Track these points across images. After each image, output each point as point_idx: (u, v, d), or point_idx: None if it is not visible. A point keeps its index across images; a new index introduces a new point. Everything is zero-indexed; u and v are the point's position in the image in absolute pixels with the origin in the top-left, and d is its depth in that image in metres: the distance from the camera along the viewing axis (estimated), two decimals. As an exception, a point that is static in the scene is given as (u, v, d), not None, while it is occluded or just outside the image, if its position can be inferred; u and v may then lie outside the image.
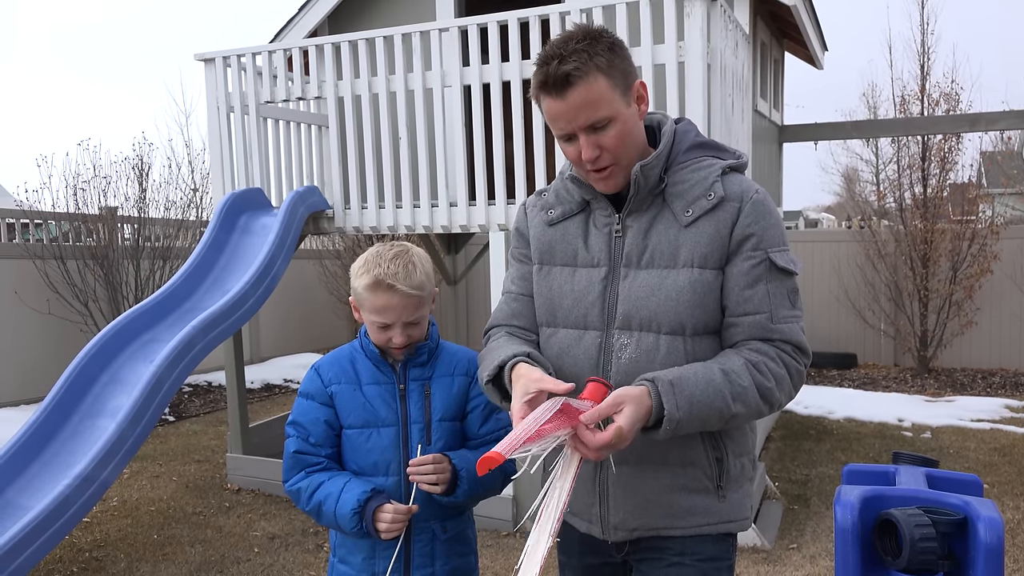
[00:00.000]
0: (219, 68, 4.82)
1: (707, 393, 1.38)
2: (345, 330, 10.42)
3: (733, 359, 1.44)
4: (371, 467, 1.79)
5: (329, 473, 1.79)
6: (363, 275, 1.74)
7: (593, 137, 1.43)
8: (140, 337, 3.89)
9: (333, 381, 1.82)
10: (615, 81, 1.41)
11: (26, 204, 7.40)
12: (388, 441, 1.78)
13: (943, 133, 8.35)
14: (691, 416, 1.36)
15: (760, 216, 1.47)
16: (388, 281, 1.70)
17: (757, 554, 3.84)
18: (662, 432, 1.36)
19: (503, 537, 4.09)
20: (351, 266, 1.81)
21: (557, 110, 1.42)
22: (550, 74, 1.39)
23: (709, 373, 1.40)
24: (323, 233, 5.00)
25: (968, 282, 8.27)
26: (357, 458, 1.80)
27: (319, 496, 1.75)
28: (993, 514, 1.42)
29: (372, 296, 1.72)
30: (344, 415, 1.80)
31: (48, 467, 3.32)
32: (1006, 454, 5.44)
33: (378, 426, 1.79)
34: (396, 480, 1.78)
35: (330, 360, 1.86)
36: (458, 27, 4.26)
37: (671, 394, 1.36)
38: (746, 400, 1.41)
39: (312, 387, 1.84)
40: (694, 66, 3.79)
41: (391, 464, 1.78)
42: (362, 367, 1.83)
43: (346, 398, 1.80)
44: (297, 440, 1.81)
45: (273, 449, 5.17)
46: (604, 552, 1.62)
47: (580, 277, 1.55)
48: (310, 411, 1.82)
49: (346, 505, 1.70)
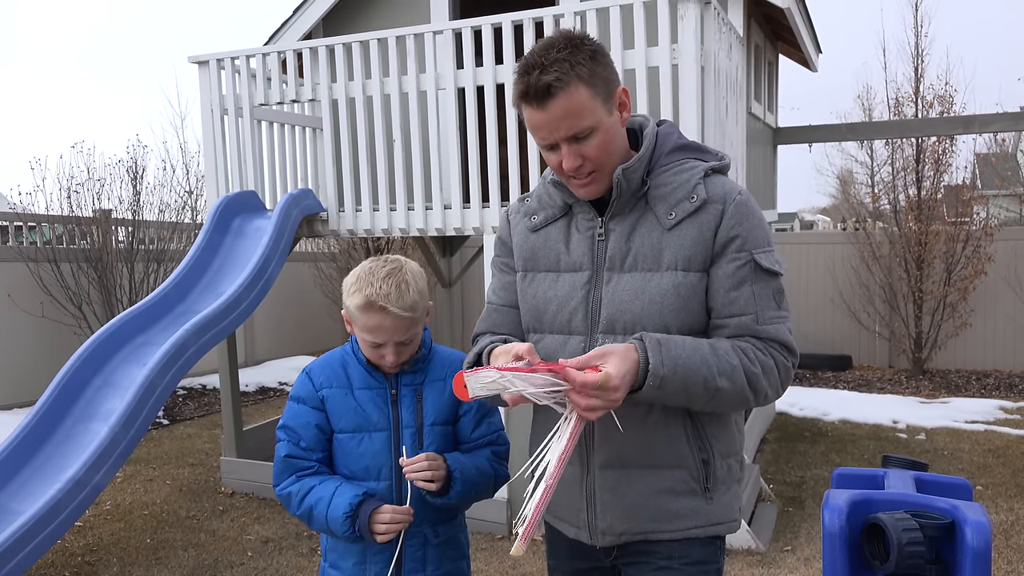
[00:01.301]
0: (213, 70, 4.82)
1: (693, 359, 1.38)
2: (340, 332, 10.40)
3: (722, 341, 1.45)
4: (362, 471, 1.78)
5: (320, 477, 1.78)
6: (355, 294, 1.73)
7: (575, 147, 1.43)
8: (133, 340, 3.88)
9: (324, 385, 1.81)
10: (596, 90, 1.40)
11: (20, 207, 7.39)
12: (380, 445, 1.77)
13: (937, 135, 8.38)
14: (675, 375, 1.36)
15: (744, 217, 1.47)
16: (380, 303, 1.69)
17: (751, 556, 3.84)
18: (645, 388, 1.35)
19: (497, 540, 4.08)
20: (344, 280, 1.80)
21: (538, 120, 1.42)
22: (531, 85, 1.38)
23: (697, 343, 1.41)
24: (317, 236, 5.00)
25: (962, 283, 8.30)
26: (348, 462, 1.79)
27: (310, 500, 1.74)
28: (981, 518, 1.42)
29: (364, 317, 1.72)
30: (336, 419, 1.79)
31: (40, 471, 3.31)
32: (1000, 455, 5.45)
33: (370, 430, 1.78)
34: (388, 484, 1.78)
35: (321, 364, 1.85)
36: (452, 30, 4.27)
37: (657, 351, 1.36)
38: (732, 377, 1.40)
39: (303, 391, 1.82)
40: (688, 68, 3.80)
41: (383, 468, 1.78)
42: (354, 372, 1.82)
43: (338, 402, 1.79)
44: (288, 444, 1.80)
45: (267, 453, 5.14)
46: (593, 557, 1.62)
47: (563, 282, 1.55)
48: (301, 415, 1.81)
49: (338, 509, 1.69)
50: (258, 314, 9.24)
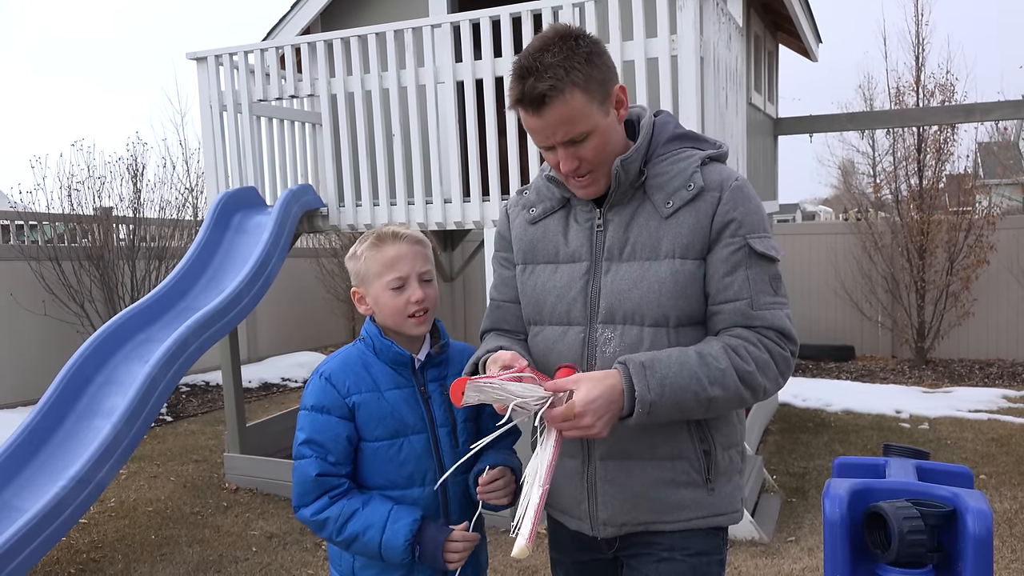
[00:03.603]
0: (211, 67, 4.81)
1: (681, 375, 1.36)
2: (343, 329, 10.41)
3: (711, 343, 1.43)
4: (405, 479, 1.65)
5: (360, 498, 1.63)
6: (363, 242, 1.69)
7: (572, 149, 1.42)
8: (135, 337, 3.88)
9: (353, 391, 1.64)
10: (592, 94, 1.39)
11: (20, 206, 7.39)
12: (421, 449, 1.66)
13: (938, 124, 8.35)
14: (664, 398, 1.35)
15: (740, 202, 1.46)
16: (392, 231, 1.67)
17: (755, 547, 3.84)
18: (635, 416, 1.35)
19: (500, 533, 4.09)
20: (346, 259, 1.75)
21: (534, 125, 1.41)
22: (526, 93, 1.37)
23: (684, 356, 1.39)
24: (318, 231, 4.99)
25: (965, 273, 8.28)
26: (387, 471, 1.65)
27: (355, 528, 1.60)
28: (982, 505, 1.42)
29: (380, 252, 1.65)
30: (369, 428, 1.64)
31: (43, 469, 3.31)
32: (1003, 444, 5.44)
33: (408, 434, 1.66)
34: (432, 490, 1.66)
35: (340, 367, 1.68)
36: (450, 23, 4.25)
37: (642, 375, 1.35)
38: (724, 383, 1.39)
39: (327, 399, 1.64)
40: (687, 60, 3.78)
41: (428, 473, 1.66)
42: (378, 371, 1.68)
43: (370, 409, 1.64)
44: (316, 461, 1.62)
45: (271, 449, 5.17)
46: (595, 549, 1.62)
47: (562, 273, 1.55)
48: (329, 427, 1.63)
49: (398, 536, 1.57)
50: (260, 310, 9.25)
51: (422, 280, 1.66)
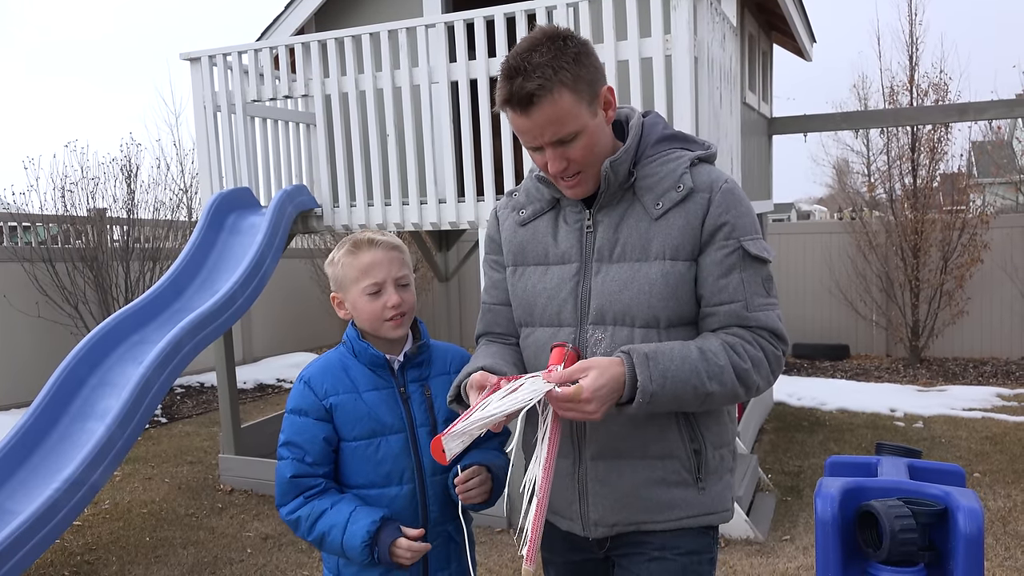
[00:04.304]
0: (205, 67, 4.80)
1: (683, 369, 1.38)
2: (337, 329, 10.40)
3: (711, 340, 1.45)
4: (383, 478, 1.69)
5: (330, 498, 1.67)
6: (340, 248, 1.73)
7: (560, 150, 1.43)
8: (129, 339, 3.87)
9: (330, 392, 1.69)
10: (580, 95, 1.39)
11: (14, 207, 7.37)
12: (399, 448, 1.69)
13: (932, 123, 8.37)
14: (665, 390, 1.36)
15: (731, 205, 1.47)
16: (367, 238, 1.70)
17: (750, 546, 3.85)
18: (635, 405, 1.36)
19: (496, 533, 4.09)
20: (325, 265, 1.78)
21: (522, 126, 1.41)
22: (513, 93, 1.37)
23: (686, 350, 1.41)
24: (312, 232, 4.99)
25: (959, 271, 8.30)
26: (366, 470, 1.69)
27: (321, 527, 1.65)
28: (973, 504, 1.42)
29: (356, 259, 1.68)
30: (347, 428, 1.68)
31: (37, 471, 3.30)
32: (997, 443, 5.46)
33: (385, 434, 1.69)
34: (411, 488, 1.70)
35: (320, 370, 1.72)
36: (444, 23, 4.25)
37: (645, 366, 1.36)
38: (722, 379, 1.41)
39: (304, 402, 1.69)
40: (681, 59, 3.79)
41: (405, 472, 1.69)
42: (357, 373, 1.71)
43: (347, 409, 1.68)
44: (292, 463, 1.67)
45: (266, 450, 5.16)
46: (586, 549, 1.62)
47: (552, 275, 1.55)
48: (306, 428, 1.68)
49: (355, 537, 1.60)
50: (255, 311, 9.24)
51: (398, 285, 1.70)
